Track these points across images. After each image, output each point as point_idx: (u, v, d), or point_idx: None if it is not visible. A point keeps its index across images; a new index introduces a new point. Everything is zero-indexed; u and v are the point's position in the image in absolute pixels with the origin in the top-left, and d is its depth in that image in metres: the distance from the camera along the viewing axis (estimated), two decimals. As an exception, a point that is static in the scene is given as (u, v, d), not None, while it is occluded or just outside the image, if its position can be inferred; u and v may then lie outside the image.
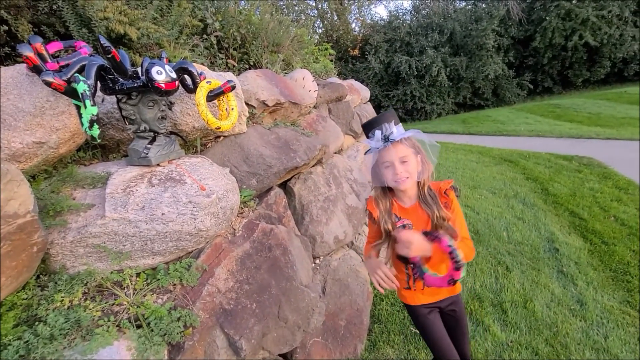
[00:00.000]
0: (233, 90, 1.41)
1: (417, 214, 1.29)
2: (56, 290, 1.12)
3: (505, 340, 2.21)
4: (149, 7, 2.37)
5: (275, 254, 1.63)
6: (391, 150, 1.21)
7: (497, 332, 2.27)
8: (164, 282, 1.28)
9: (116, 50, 1.07)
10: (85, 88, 0.99)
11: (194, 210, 1.31)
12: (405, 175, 1.21)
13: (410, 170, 1.22)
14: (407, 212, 1.31)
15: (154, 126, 1.32)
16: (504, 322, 2.39)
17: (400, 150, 1.20)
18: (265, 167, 1.91)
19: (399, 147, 1.20)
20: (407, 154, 1.21)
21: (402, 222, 1.30)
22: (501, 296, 2.63)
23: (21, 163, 1.20)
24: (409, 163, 1.21)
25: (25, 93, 1.20)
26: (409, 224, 1.29)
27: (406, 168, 1.21)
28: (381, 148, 1.22)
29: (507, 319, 2.39)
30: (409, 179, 1.23)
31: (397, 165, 1.20)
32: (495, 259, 3.12)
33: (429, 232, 1.20)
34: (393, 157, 1.20)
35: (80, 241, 1.20)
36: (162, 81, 1.17)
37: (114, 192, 1.24)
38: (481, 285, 2.77)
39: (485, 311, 2.47)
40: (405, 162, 1.21)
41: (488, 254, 3.21)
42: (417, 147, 1.25)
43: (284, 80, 2.66)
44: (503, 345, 2.18)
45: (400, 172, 1.20)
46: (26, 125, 1.19)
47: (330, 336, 2.02)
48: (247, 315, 1.37)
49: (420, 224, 1.28)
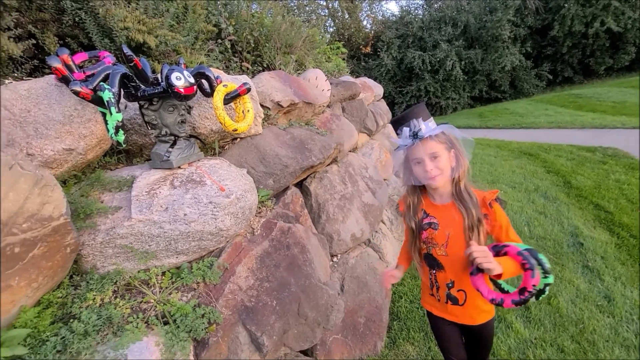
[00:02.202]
0: (249, 92, 1.44)
1: (448, 212, 1.22)
2: (88, 289, 1.18)
3: (529, 337, 2.17)
4: (166, 15, 2.44)
5: (294, 252, 1.66)
6: (420, 147, 1.16)
7: (520, 329, 2.22)
8: (188, 280, 1.33)
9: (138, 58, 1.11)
10: (110, 96, 1.04)
11: (215, 210, 1.35)
12: (436, 172, 1.16)
13: (442, 166, 1.16)
14: (437, 209, 1.25)
15: (175, 130, 1.37)
16: (527, 318, 2.34)
17: (430, 146, 1.15)
18: (282, 167, 1.94)
19: (429, 143, 1.15)
20: (437, 150, 1.16)
21: (428, 220, 1.26)
22: (524, 292, 2.57)
23: (53, 169, 1.27)
24: (440, 159, 1.16)
25: (54, 103, 1.27)
26: (434, 222, 1.24)
27: (437, 164, 1.16)
28: (410, 145, 1.19)
29: (531, 316, 2.34)
30: (441, 176, 1.17)
31: (427, 162, 1.16)
32: (516, 255, 3.05)
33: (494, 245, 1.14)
34: (422, 154, 1.16)
35: (109, 242, 1.26)
36: (182, 86, 1.21)
37: (139, 194, 1.29)
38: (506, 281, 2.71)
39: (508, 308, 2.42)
40: (435, 158, 1.16)
41: (509, 250, 3.14)
42: (451, 141, 1.19)
43: (297, 80, 2.69)
44: (527, 342, 2.14)
45: (431, 169, 1.16)
46: (56, 133, 1.25)
47: (350, 333, 2.03)
48: (268, 312, 1.41)
49: (449, 223, 1.21)
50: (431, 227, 1.25)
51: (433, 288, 1.33)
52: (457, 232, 1.20)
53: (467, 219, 1.17)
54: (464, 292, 1.27)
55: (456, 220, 1.19)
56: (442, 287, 1.30)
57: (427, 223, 1.26)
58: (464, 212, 1.18)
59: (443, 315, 1.35)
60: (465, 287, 1.25)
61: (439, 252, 1.25)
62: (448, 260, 1.25)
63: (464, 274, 1.23)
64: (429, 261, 1.30)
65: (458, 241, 1.21)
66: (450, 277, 1.26)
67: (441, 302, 1.32)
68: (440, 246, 1.24)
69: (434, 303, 1.36)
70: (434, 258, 1.27)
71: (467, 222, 1.17)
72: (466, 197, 1.18)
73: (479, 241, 1.17)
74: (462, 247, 1.19)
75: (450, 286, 1.28)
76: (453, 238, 1.21)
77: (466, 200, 1.18)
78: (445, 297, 1.30)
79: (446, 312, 1.33)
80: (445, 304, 1.31)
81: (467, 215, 1.17)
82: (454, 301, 1.29)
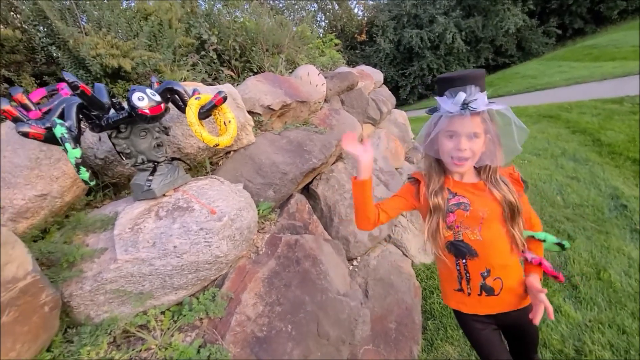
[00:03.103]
0: (225, 101, 1.30)
1: (481, 192, 1.06)
2: (81, 345, 1.07)
3: (583, 320, 1.94)
4: (140, 35, 2.34)
5: (305, 266, 1.51)
6: (465, 120, 0.97)
7: (570, 312, 1.99)
8: (189, 318, 1.21)
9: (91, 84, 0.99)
10: (63, 131, 0.92)
11: (207, 237, 1.22)
12: (468, 154, 1.00)
13: (476, 149, 1.01)
14: (465, 188, 1.08)
15: (152, 156, 1.24)
16: (577, 299, 2.10)
17: (475, 124, 0.98)
18: (280, 175, 1.79)
19: (475, 120, 0.98)
20: (479, 130, 0.99)
21: (456, 200, 1.07)
22: (568, 269, 2.33)
23: (28, 219, 1.17)
24: (477, 142, 1.00)
25: (18, 147, 1.17)
26: (465, 202, 1.06)
27: (472, 146, 1.00)
28: (454, 114, 0.98)
29: (580, 296, 2.11)
30: (470, 161, 1.02)
31: (464, 141, 0.99)
32: (553, 228, 2.80)
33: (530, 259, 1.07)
34: (463, 129, 0.98)
35: (99, 288, 1.15)
36: (146, 107, 1.08)
37: (122, 232, 1.17)
38: (542, 260, 2.48)
39: (552, 290, 2.19)
40: (474, 139, 1.00)
41: (544, 224, 2.87)
42: (490, 125, 1.01)
43: (288, 80, 2.53)
44: (581, 326, 1.91)
45: (465, 149, 0.99)
46: (25, 180, 1.15)
47: (382, 341, 1.87)
48: (283, 339, 1.26)
49: (483, 203, 1.05)
50: (461, 207, 1.06)
51: (462, 281, 1.11)
52: (492, 213, 1.04)
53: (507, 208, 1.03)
54: (500, 280, 1.08)
55: (490, 201, 1.04)
56: (476, 277, 1.09)
57: (455, 204, 1.06)
58: (502, 199, 1.03)
59: (476, 311, 1.13)
60: (502, 274, 1.07)
61: (472, 236, 1.06)
62: (483, 245, 1.05)
63: (501, 259, 1.06)
64: (458, 249, 1.08)
65: (494, 223, 1.05)
66: (485, 265, 1.06)
67: (472, 295, 1.10)
68: (473, 229, 1.05)
69: (463, 299, 1.13)
70: (465, 244, 1.07)
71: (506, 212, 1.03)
72: (503, 186, 1.05)
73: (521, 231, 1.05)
74: (497, 230, 1.05)
75: (486, 275, 1.08)
76: (488, 220, 1.04)
77: (503, 189, 1.04)
78: (478, 289, 1.09)
79: (479, 306, 1.11)
80: (478, 297, 1.11)
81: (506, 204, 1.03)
82: (489, 292, 1.09)
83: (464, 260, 1.08)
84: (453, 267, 1.11)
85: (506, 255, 1.07)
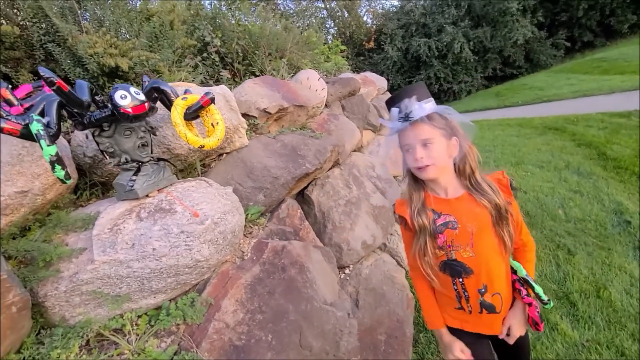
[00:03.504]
0: (213, 102, 1.28)
1: (465, 205, 1.03)
2: (52, 347, 1.04)
3: (580, 340, 1.87)
4: (141, 34, 2.35)
5: (290, 274, 1.47)
6: (411, 131, 0.99)
7: (567, 331, 1.93)
8: (166, 323, 1.17)
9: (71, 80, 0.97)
10: (39, 127, 0.90)
11: (188, 240, 1.19)
12: (427, 162, 0.99)
13: (435, 155, 0.99)
14: (450, 204, 1.04)
15: (136, 156, 1.22)
16: (575, 317, 2.03)
17: (423, 131, 0.98)
18: (271, 180, 1.76)
19: (421, 127, 0.98)
20: (431, 136, 0.98)
21: (442, 220, 1.04)
22: (566, 286, 2.26)
23: (7, 216, 1.15)
24: (434, 147, 0.98)
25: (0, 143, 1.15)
26: (451, 220, 1.03)
27: (429, 153, 0.98)
28: (400, 129, 1.01)
29: (578, 313, 2.04)
30: (433, 167, 1.00)
31: (418, 149, 0.98)
32: (553, 243, 2.73)
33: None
34: (413, 140, 0.99)
35: (74, 289, 1.12)
36: (128, 105, 1.06)
37: (100, 233, 1.15)
38: (540, 275, 2.41)
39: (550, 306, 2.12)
40: (428, 145, 0.98)
41: (544, 238, 2.81)
42: (453, 127, 1.01)
43: (287, 84, 2.52)
44: (577, 345, 1.85)
45: (421, 157, 0.98)
46: (6, 176, 1.13)
47: (371, 354, 1.81)
48: (262, 349, 1.22)
49: (470, 218, 1.01)
50: (449, 227, 1.02)
51: (461, 299, 1.08)
52: (480, 227, 1.01)
53: (495, 213, 1.00)
54: (499, 296, 1.05)
55: (477, 213, 1.00)
56: (474, 294, 1.06)
57: (442, 224, 1.03)
58: (488, 205, 1.00)
59: (479, 330, 1.10)
60: (500, 288, 1.05)
61: (465, 254, 1.02)
62: (477, 261, 1.02)
63: (496, 273, 1.04)
64: (452, 269, 1.05)
65: (484, 236, 1.01)
66: (482, 280, 1.04)
67: (474, 313, 1.08)
68: (465, 247, 1.02)
69: (466, 317, 1.10)
70: (458, 263, 1.04)
71: (495, 217, 1.00)
72: (486, 188, 1.02)
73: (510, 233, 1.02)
74: (489, 242, 1.02)
75: (483, 291, 1.05)
76: (478, 234, 1.01)
77: (487, 192, 1.01)
78: (479, 307, 1.07)
79: (482, 325, 1.09)
80: (479, 314, 1.07)
81: (493, 208, 1.00)
82: (490, 309, 1.06)
83: (460, 279, 1.06)
84: (450, 286, 1.08)
85: (500, 265, 1.05)
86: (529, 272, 1.08)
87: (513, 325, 1.07)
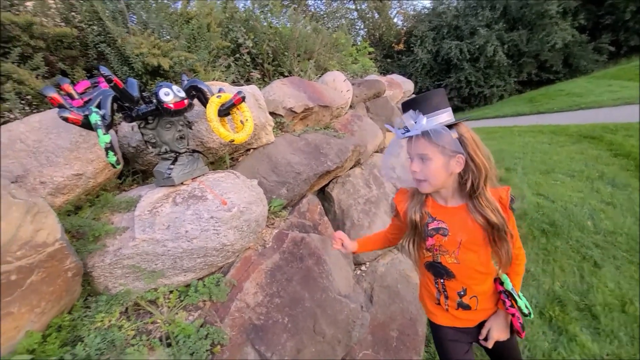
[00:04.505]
0: (243, 101, 1.39)
1: (460, 216, 1.05)
2: (97, 311, 1.19)
3: (600, 353, 1.84)
4: (181, 36, 2.53)
5: (308, 264, 1.56)
6: (412, 143, 1.00)
7: (587, 343, 1.89)
8: (194, 299, 1.30)
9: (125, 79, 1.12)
10: (97, 118, 1.04)
11: (216, 225, 1.31)
12: (419, 177, 1.01)
13: (429, 173, 0.99)
14: (446, 212, 1.07)
15: (174, 147, 1.36)
16: (596, 330, 1.99)
17: (420, 146, 0.98)
18: (294, 175, 1.86)
19: (419, 141, 0.98)
20: (428, 152, 0.97)
21: (435, 225, 1.08)
22: (589, 298, 2.20)
23: (65, 195, 1.32)
24: (430, 164, 0.98)
25: (62, 131, 1.32)
26: (443, 227, 1.07)
27: (424, 168, 0.99)
28: (401, 138, 1.03)
29: (600, 327, 1.99)
30: (426, 183, 1.01)
31: (415, 163, 1.00)
32: (578, 254, 2.66)
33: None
34: (412, 151, 1.01)
35: (117, 263, 1.27)
36: (171, 102, 1.19)
37: (141, 214, 1.29)
38: (562, 285, 2.36)
39: (570, 317, 2.09)
40: (425, 160, 0.99)
41: (569, 248, 2.74)
42: (454, 145, 0.96)
43: (313, 84, 2.62)
44: (596, 358, 1.81)
45: (415, 170, 1.00)
46: (65, 160, 1.30)
47: (382, 348, 1.87)
48: (278, 330, 1.32)
49: (461, 229, 1.04)
50: (439, 232, 1.07)
51: (441, 297, 1.16)
52: (470, 239, 1.05)
53: (489, 230, 1.01)
54: (476, 298, 1.12)
55: (469, 226, 1.03)
56: (453, 296, 1.14)
57: (434, 229, 1.08)
58: (482, 222, 1.01)
59: (453, 324, 1.18)
60: (478, 292, 1.11)
61: (450, 260, 1.09)
62: (460, 267, 1.09)
63: (476, 279, 1.10)
64: (436, 270, 1.13)
65: (472, 247, 1.06)
66: (462, 285, 1.11)
67: (450, 311, 1.16)
68: (451, 253, 1.08)
69: (442, 313, 1.19)
70: (443, 267, 1.11)
71: (489, 234, 1.02)
72: (485, 206, 1.00)
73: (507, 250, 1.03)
74: (476, 252, 1.06)
75: (462, 294, 1.12)
76: (466, 245, 1.06)
77: (484, 210, 1.00)
78: (455, 305, 1.14)
79: (456, 320, 1.17)
80: (455, 311, 1.16)
81: (488, 225, 1.01)
82: (466, 307, 1.14)
83: (442, 280, 1.13)
84: (432, 284, 1.17)
85: (482, 277, 1.10)
86: (516, 284, 1.13)
87: (492, 329, 1.13)
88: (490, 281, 1.13)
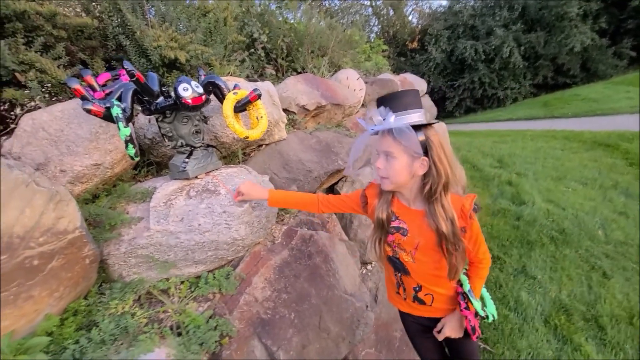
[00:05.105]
0: (259, 98, 1.41)
1: (419, 220, 1.05)
2: (111, 298, 1.23)
3: (604, 364, 1.83)
4: (198, 30, 2.55)
5: (316, 261, 1.58)
6: (379, 139, 1.00)
7: (591, 353, 1.89)
8: (204, 290, 1.33)
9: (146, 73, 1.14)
10: (118, 112, 1.07)
11: (228, 219, 1.34)
12: (382, 174, 1.01)
13: (392, 171, 0.99)
14: (408, 213, 1.08)
15: (190, 141, 1.38)
16: (602, 341, 1.98)
17: (386, 143, 0.97)
18: (305, 172, 1.88)
19: (385, 139, 0.97)
20: (393, 150, 0.96)
21: (397, 224, 1.10)
22: (596, 309, 2.19)
23: (83, 184, 1.36)
24: (395, 162, 0.97)
25: (83, 121, 1.36)
26: (404, 227, 1.08)
27: (387, 166, 0.99)
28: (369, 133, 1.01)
29: (606, 338, 1.98)
30: (387, 181, 1.02)
31: (380, 159, 1.00)
32: (587, 263, 2.63)
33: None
34: (378, 148, 1.01)
35: (132, 252, 1.31)
36: (189, 97, 1.21)
37: (156, 205, 1.33)
38: (569, 294, 2.35)
39: (575, 327, 2.08)
40: (389, 158, 0.98)
41: (578, 257, 2.72)
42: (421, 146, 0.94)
43: (326, 82, 2.62)
44: (600, 369, 1.81)
45: (379, 167, 1.01)
46: (85, 150, 1.34)
47: (385, 348, 1.90)
48: (285, 325, 1.35)
49: (419, 233, 1.06)
50: (400, 232, 1.10)
51: (400, 288, 1.23)
52: (427, 243, 1.07)
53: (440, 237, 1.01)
54: (431, 296, 1.17)
55: (425, 231, 1.05)
56: (409, 290, 1.19)
57: (395, 227, 1.10)
58: (435, 228, 1.01)
59: (410, 312, 1.26)
60: (433, 291, 1.16)
61: (407, 258, 1.12)
62: (415, 267, 1.12)
63: (431, 281, 1.14)
64: (395, 264, 1.17)
65: (427, 252, 1.08)
66: (417, 281, 1.16)
67: (407, 301, 1.23)
68: (408, 252, 1.11)
69: (400, 301, 1.26)
70: (400, 263, 1.15)
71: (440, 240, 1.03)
72: (439, 214, 0.99)
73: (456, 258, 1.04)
74: (432, 256, 1.08)
75: (418, 290, 1.18)
76: (422, 247, 1.08)
77: (437, 215, 0.99)
78: (412, 298, 1.20)
79: (413, 309, 1.24)
80: (412, 302, 1.22)
81: (438, 232, 1.01)
82: (421, 302, 1.20)
83: (400, 274, 1.18)
84: (392, 276, 1.23)
85: (437, 280, 1.13)
86: (477, 287, 1.15)
87: (446, 326, 1.19)
88: (449, 284, 1.14)
